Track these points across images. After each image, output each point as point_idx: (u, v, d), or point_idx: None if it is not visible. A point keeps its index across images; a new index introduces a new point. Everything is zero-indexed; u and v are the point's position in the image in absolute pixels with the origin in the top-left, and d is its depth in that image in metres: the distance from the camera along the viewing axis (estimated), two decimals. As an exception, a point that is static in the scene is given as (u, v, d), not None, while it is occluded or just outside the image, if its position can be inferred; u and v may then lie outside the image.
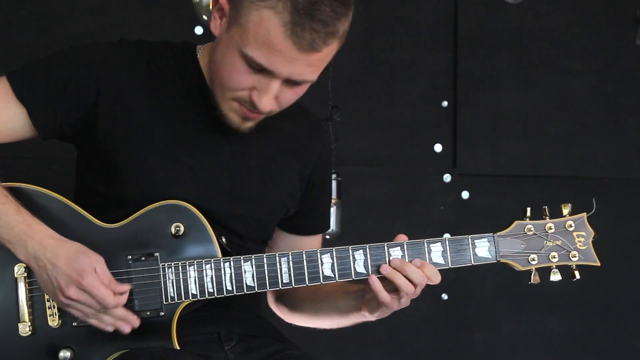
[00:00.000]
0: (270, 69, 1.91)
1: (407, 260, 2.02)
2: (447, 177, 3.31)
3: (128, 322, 1.96)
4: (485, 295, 3.27)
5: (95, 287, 1.90)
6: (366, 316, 2.13)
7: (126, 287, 1.96)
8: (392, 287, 2.02)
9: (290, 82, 1.95)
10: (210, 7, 2.82)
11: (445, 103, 3.32)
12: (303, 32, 1.87)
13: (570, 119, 3.35)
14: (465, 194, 3.31)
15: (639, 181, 3.36)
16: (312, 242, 2.30)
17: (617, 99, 3.36)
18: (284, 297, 2.31)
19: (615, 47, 3.36)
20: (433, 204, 3.29)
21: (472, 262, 2.05)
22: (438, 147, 3.31)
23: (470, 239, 2.05)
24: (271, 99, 1.95)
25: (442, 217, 3.29)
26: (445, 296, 3.29)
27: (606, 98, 3.36)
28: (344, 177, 2.99)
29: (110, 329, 1.96)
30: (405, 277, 2.00)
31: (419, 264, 2.01)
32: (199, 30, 3.15)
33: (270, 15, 1.87)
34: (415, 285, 2.00)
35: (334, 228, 2.99)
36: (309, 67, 1.93)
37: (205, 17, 2.85)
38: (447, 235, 3.18)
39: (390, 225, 3.26)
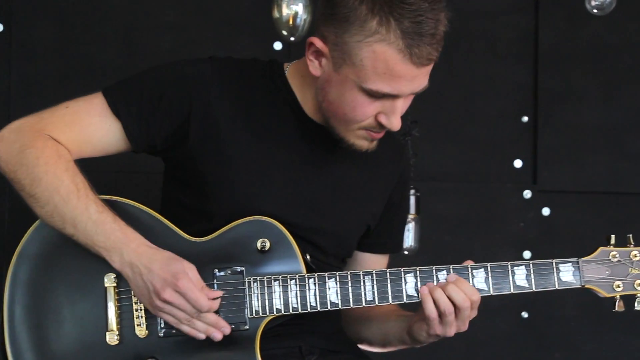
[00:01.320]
0: (395, 93, 1.96)
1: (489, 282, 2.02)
2: (527, 194, 3.26)
3: (220, 328, 1.97)
4: (566, 314, 3.21)
5: (190, 290, 1.93)
6: (412, 337, 2.11)
7: (218, 293, 1.99)
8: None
9: (410, 94, 2.00)
10: (291, 21, 2.87)
11: (525, 118, 3.28)
12: (419, 51, 1.92)
13: (654, 134, 3.28)
14: (546, 211, 3.26)
15: None
16: (381, 261, 2.30)
17: (703, 113, 3.29)
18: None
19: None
20: (512, 221, 3.25)
21: (557, 287, 2.04)
22: (518, 163, 3.27)
23: (554, 263, 2.04)
24: (399, 116, 2.00)
25: (521, 234, 3.24)
26: (525, 314, 3.24)
27: (691, 113, 3.29)
28: (423, 192, 2.97)
29: (202, 335, 1.97)
30: (446, 295, 1.98)
31: (454, 278, 2.00)
32: (277, 45, 3.17)
33: (384, 47, 1.92)
34: (455, 304, 1.98)
35: (412, 244, 2.97)
36: (425, 76, 1.99)
37: (284, 33, 2.87)
38: (527, 253, 3.20)
39: (469, 242, 3.23)
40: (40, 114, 2.07)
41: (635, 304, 2.04)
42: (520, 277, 2.03)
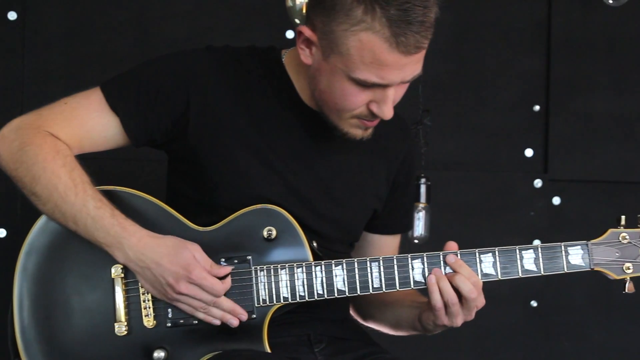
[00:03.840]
0: (384, 82, 1.94)
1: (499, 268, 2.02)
2: (537, 183, 3.27)
3: (236, 314, 1.98)
4: (575, 303, 3.22)
5: (204, 278, 1.94)
6: (422, 325, 2.12)
7: (227, 269, 1.99)
8: None
9: (401, 83, 1.97)
10: (304, 9, 2.88)
11: (537, 107, 3.27)
12: (407, 39, 1.88)
13: (666, 124, 3.27)
14: (556, 200, 3.26)
15: None
16: (392, 241, 2.30)
17: None
18: (355, 302, 2.31)
19: None
20: (523, 210, 3.25)
21: (565, 270, 2.03)
22: (529, 152, 3.28)
23: (563, 247, 2.03)
24: (391, 105, 1.97)
25: (532, 223, 3.25)
26: (534, 303, 3.25)
27: None
28: (433, 181, 2.98)
29: (217, 322, 1.98)
30: (453, 285, 1.99)
31: (453, 259, 2.00)
32: (290, 34, 3.18)
33: (370, 36, 1.89)
34: (462, 294, 1.98)
35: (423, 232, 2.98)
36: (416, 64, 1.95)
37: (297, 21, 2.87)
38: (537, 242, 3.20)
39: (479, 230, 3.24)
40: (39, 111, 2.07)
41: (646, 285, 2.04)
42: (529, 261, 2.01)
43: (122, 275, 2.02)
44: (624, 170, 3.27)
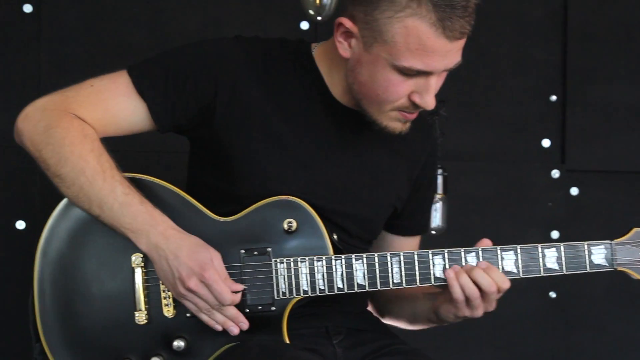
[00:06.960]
0: (429, 70, 1.93)
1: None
2: (555, 173, 3.25)
3: (238, 323, 1.98)
4: (595, 294, 3.20)
5: (216, 282, 1.94)
6: (439, 317, 2.11)
7: (240, 287, 1.98)
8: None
9: (443, 71, 1.98)
10: (318, 1, 2.86)
11: (553, 97, 3.25)
12: (452, 24, 1.89)
13: (685, 113, 3.25)
14: (574, 191, 3.24)
15: None
16: (411, 243, 2.30)
17: None
18: (373, 298, 2.31)
19: None
20: (540, 201, 3.23)
21: (588, 270, 2.01)
22: (546, 143, 3.26)
23: (586, 246, 2.01)
24: (433, 95, 1.98)
25: (549, 214, 3.23)
26: (553, 294, 3.23)
27: None
28: (450, 172, 2.96)
29: (219, 327, 1.98)
30: (472, 280, 1.97)
31: (484, 266, 1.98)
32: (304, 25, 3.17)
33: (416, 22, 1.89)
34: (481, 289, 1.97)
35: (440, 223, 2.97)
36: (458, 51, 1.95)
37: (311, 12, 2.86)
38: (555, 233, 3.19)
39: (496, 222, 3.22)
40: (65, 92, 2.05)
41: (668, 286, 2.02)
42: (551, 260, 2.00)
43: (142, 264, 2.01)
44: (641, 160, 3.25)
